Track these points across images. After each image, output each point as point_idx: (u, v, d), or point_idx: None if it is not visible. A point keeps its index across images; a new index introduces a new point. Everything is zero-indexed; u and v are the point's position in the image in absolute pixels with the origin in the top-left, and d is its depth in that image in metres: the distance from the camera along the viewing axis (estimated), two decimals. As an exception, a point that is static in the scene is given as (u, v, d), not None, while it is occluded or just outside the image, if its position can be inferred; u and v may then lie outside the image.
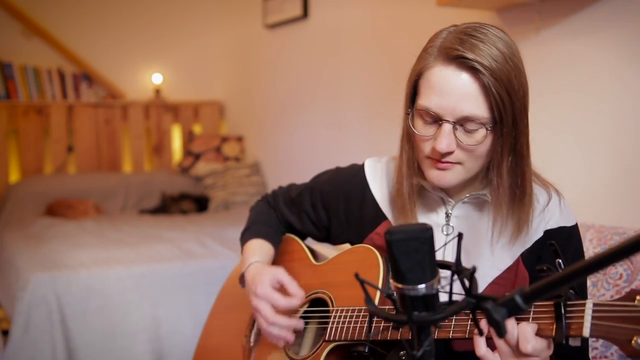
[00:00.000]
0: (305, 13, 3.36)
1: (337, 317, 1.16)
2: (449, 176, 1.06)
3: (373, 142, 2.89)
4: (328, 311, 1.20)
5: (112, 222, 3.35)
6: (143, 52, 4.32)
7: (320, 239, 1.40)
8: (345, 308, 1.15)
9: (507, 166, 1.05)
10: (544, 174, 1.18)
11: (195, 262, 2.63)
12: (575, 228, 1.14)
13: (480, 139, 1.03)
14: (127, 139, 4.25)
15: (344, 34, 3.10)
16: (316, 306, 1.28)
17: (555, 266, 0.88)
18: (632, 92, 1.73)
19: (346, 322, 1.13)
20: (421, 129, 1.06)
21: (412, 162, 1.12)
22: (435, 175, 1.07)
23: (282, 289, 1.22)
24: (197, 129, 4.44)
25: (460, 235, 0.72)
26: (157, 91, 4.31)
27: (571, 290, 0.85)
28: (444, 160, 1.05)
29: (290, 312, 1.27)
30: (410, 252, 0.68)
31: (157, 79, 4.33)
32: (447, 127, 1.02)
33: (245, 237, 1.40)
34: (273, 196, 1.48)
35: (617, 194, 1.78)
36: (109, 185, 3.86)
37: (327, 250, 1.43)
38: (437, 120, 1.04)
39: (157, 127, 4.30)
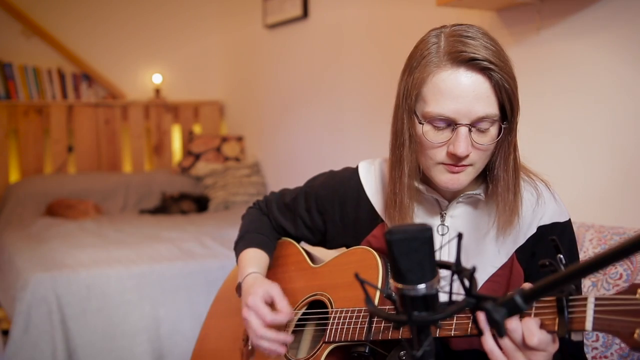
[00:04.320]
0: (305, 13, 3.36)
1: (336, 318, 1.16)
2: (462, 178, 1.07)
3: (373, 142, 2.89)
4: (326, 313, 1.20)
5: (112, 222, 3.35)
6: (143, 52, 4.32)
7: (315, 243, 1.40)
8: (345, 309, 1.15)
9: (514, 159, 1.08)
10: (543, 174, 1.18)
11: (195, 262, 2.63)
12: (568, 223, 1.15)
13: (495, 136, 1.05)
14: (127, 139, 4.25)
15: (344, 34, 3.11)
16: (315, 308, 1.27)
17: (555, 261, 0.88)
18: (632, 92, 1.73)
19: (346, 323, 1.13)
20: (433, 136, 1.05)
21: (415, 172, 1.11)
22: (450, 179, 1.07)
23: (273, 304, 1.21)
24: (197, 129, 4.44)
25: (460, 235, 0.73)
26: (157, 91, 4.31)
27: (572, 285, 0.85)
28: (459, 164, 1.05)
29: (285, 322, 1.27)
30: (410, 252, 0.68)
31: (157, 79, 4.33)
32: (463, 131, 1.02)
33: (239, 247, 1.39)
34: (266, 202, 1.47)
35: (617, 194, 1.78)
36: (109, 185, 3.86)
37: (323, 252, 1.42)
38: (450, 124, 1.03)
39: (157, 127, 4.30)
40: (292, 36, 3.55)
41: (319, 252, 1.44)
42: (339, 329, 1.14)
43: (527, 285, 0.78)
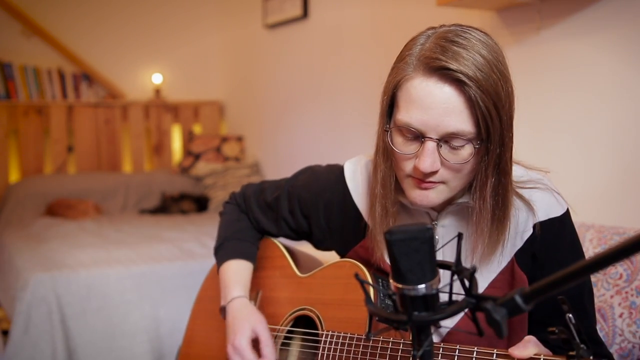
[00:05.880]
0: (305, 13, 3.36)
1: (327, 342, 1.12)
2: (432, 196, 0.99)
3: (373, 142, 2.88)
4: (316, 333, 1.16)
5: (112, 222, 3.35)
6: (143, 52, 4.32)
7: (298, 240, 1.35)
8: (337, 334, 1.11)
9: (491, 187, 0.97)
10: (543, 172, 1.13)
11: (195, 262, 2.62)
12: (566, 215, 1.07)
13: (467, 156, 0.95)
14: (127, 139, 4.25)
15: (344, 33, 3.11)
16: (302, 322, 1.24)
17: (564, 324, 0.81)
18: (632, 92, 1.73)
19: (338, 350, 1.09)
20: (401, 146, 0.98)
21: (389, 181, 1.05)
22: (418, 195, 1.00)
23: (258, 340, 1.19)
24: (197, 129, 4.44)
25: (460, 235, 0.72)
26: (157, 91, 4.31)
27: (583, 345, 0.80)
28: (427, 180, 0.97)
29: (271, 331, 1.24)
30: (410, 252, 0.67)
31: (157, 79, 4.33)
32: (430, 145, 0.94)
33: (221, 256, 1.34)
34: (244, 198, 1.41)
35: (617, 194, 1.78)
36: (109, 185, 3.86)
37: (307, 249, 1.40)
38: (419, 137, 0.95)
39: (157, 127, 4.30)
40: (292, 36, 3.55)
41: (303, 248, 1.42)
42: (330, 355, 1.10)
43: None
